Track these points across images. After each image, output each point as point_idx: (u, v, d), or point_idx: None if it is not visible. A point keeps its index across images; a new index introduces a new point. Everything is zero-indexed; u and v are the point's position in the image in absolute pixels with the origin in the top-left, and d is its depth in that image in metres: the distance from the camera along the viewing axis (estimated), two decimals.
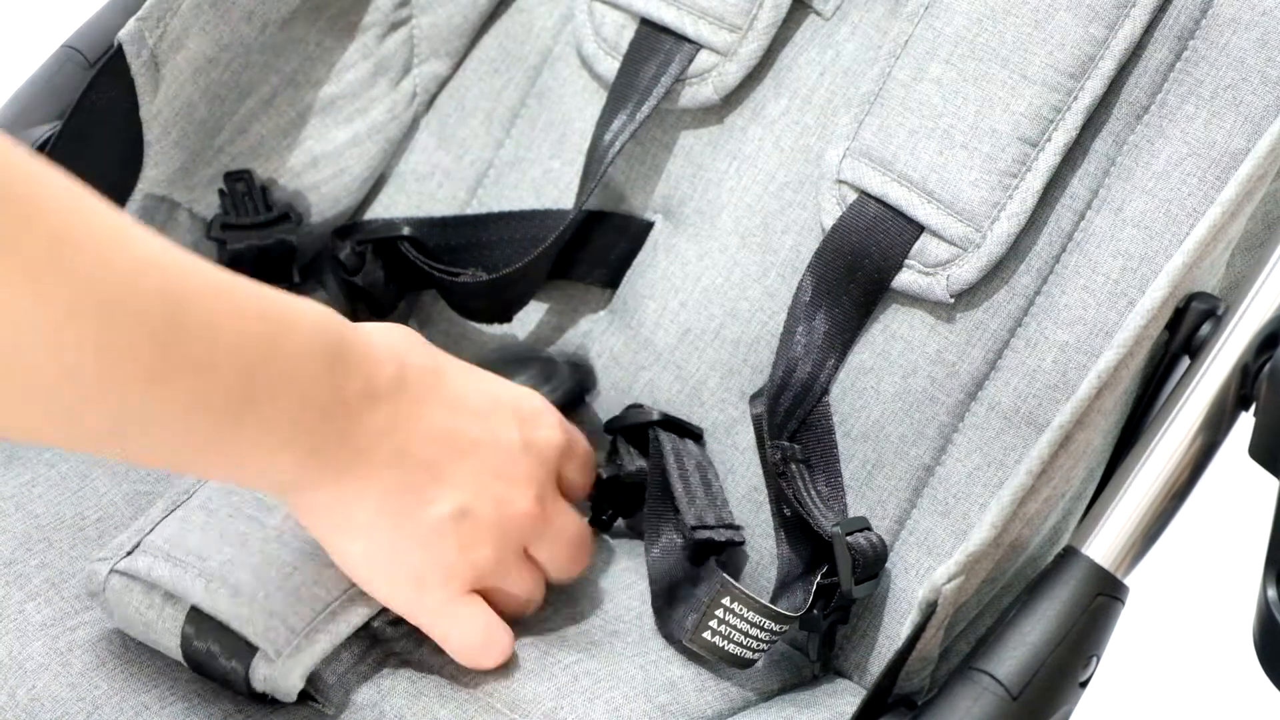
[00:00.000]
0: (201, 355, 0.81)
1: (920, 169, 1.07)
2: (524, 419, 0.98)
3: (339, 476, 0.90)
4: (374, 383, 0.90)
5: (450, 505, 0.94)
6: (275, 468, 0.88)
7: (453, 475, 0.94)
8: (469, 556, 0.96)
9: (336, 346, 0.88)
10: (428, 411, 0.92)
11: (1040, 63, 1.05)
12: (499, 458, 0.96)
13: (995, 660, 0.92)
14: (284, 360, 0.85)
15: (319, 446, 0.88)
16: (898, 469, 1.07)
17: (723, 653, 1.02)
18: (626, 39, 1.16)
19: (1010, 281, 1.06)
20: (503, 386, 0.99)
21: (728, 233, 1.14)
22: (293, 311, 0.86)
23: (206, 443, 0.85)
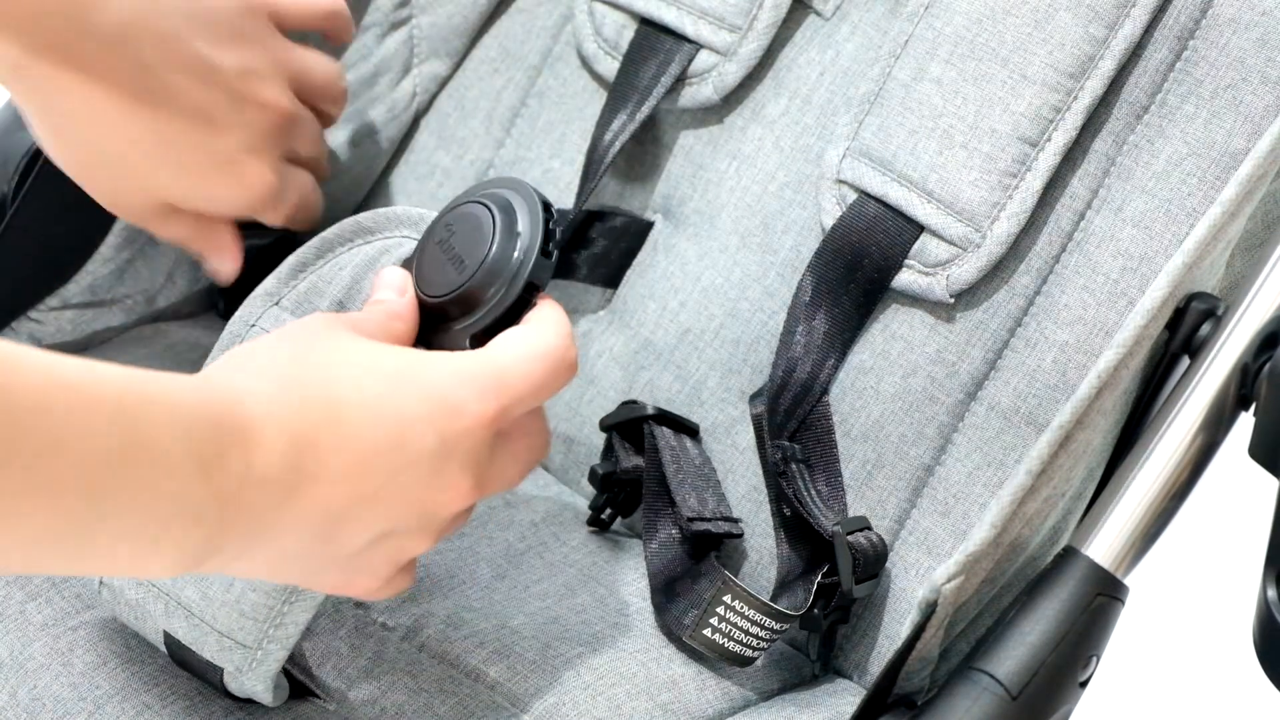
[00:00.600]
0: (41, 475, 0.73)
1: (920, 169, 1.07)
2: (443, 421, 0.89)
3: (230, 556, 0.83)
4: (261, 470, 0.81)
5: (368, 537, 0.88)
6: (153, 566, 0.80)
7: (365, 515, 0.87)
8: (395, 560, 0.91)
9: (211, 443, 0.79)
10: (327, 468, 0.84)
11: (1040, 62, 1.05)
12: (417, 478, 0.88)
13: (995, 660, 0.92)
14: (141, 469, 0.76)
15: (197, 543, 0.80)
16: (898, 469, 1.07)
17: (723, 650, 1.02)
18: (627, 39, 1.16)
19: (1010, 281, 1.06)
20: (415, 392, 0.89)
21: (728, 233, 1.14)
22: (155, 410, 0.77)
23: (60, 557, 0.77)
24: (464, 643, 1.02)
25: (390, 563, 0.90)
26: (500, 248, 0.95)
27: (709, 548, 1.07)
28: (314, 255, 0.99)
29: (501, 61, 1.24)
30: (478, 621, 1.04)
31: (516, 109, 1.23)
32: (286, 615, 0.94)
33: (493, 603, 1.05)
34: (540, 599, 1.06)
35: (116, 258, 1.20)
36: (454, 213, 0.98)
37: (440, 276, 0.96)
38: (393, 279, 0.96)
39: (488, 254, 0.95)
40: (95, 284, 1.20)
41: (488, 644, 1.02)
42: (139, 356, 1.20)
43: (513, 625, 1.04)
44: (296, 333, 0.89)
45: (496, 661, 1.01)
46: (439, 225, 0.98)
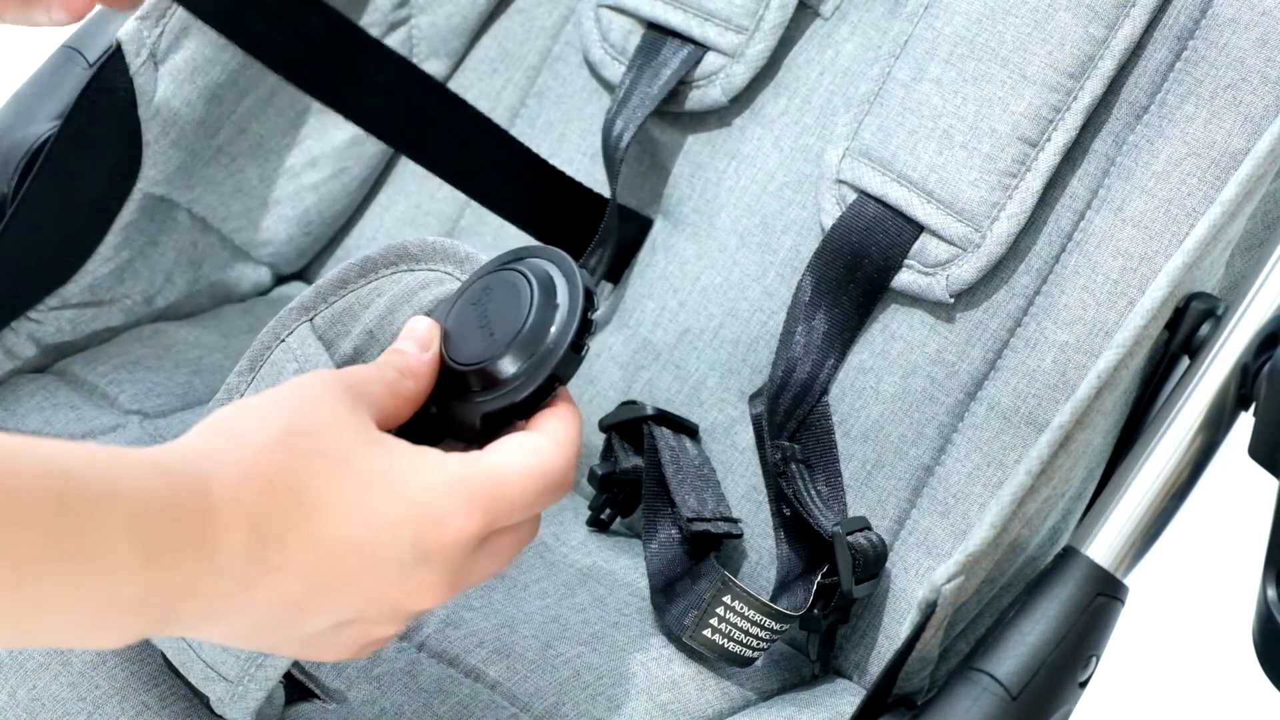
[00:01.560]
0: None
1: (920, 169, 1.07)
2: (421, 529, 0.84)
3: (181, 629, 0.80)
4: (218, 559, 0.78)
5: (330, 623, 0.84)
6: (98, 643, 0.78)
7: (327, 605, 0.83)
8: (365, 640, 0.87)
9: (163, 534, 0.76)
10: (289, 561, 0.81)
11: (1040, 63, 1.05)
12: (387, 580, 0.83)
13: (995, 660, 0.92)
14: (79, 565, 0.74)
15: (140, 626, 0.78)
16: (897, 469, 1.07)
17: (723, 650, 1.02)
18: (633, 44, 1.16)
19: (1010, 281, 1.06)
20: (395, 498, 0.84)
21: (727, 232, 1.14)
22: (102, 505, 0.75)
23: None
24: (463, 642, 1.02)
25: (355, 644, 0.87)
26: (533, 330, 0.89)
27: (709, 548, 1.07)
28: (356, 274, 0.95)
29: (501, 62, 1.24)
30: (477, 621, 1.04)
31: (516, 109, 1.23)
32: (268, 658, 0.93)
33: (492, 602, 1.05)
34: (540, 598, 1.06)
35: (116, 257, 1.20)
36: (495, 276, 0.92)
37: (467, 343, 0.90)
38: (419, 331, 0.91)
39: (519, 332, 0.89)
40: (95, 284, 1.19)
41: (487, 643, 1.02)
42: (138, 356, 1.20)
43: (512, 625, 1.03)
44: (288, 408, 0.84)
45: (496, 661, 1.01)
46: (477, 284, 0.92)
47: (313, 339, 0.95)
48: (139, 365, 1.19)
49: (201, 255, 1.25)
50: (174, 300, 1.24)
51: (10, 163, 1.15)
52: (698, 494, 1.07)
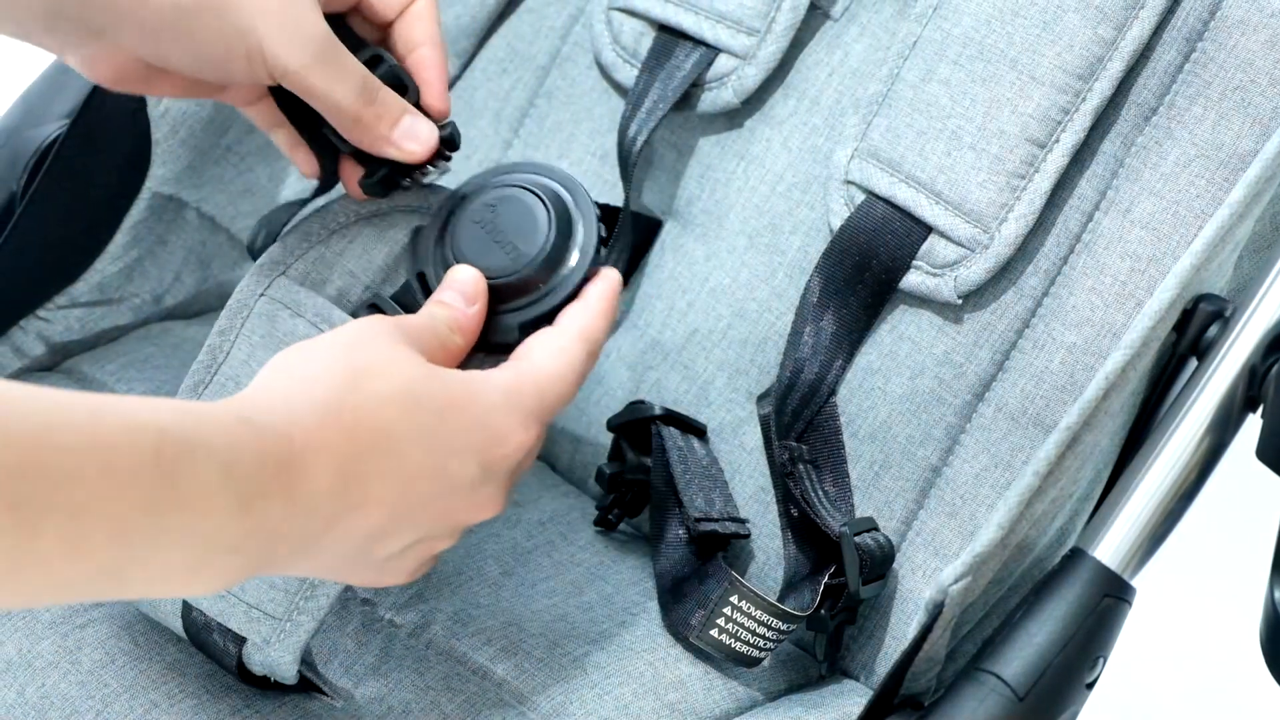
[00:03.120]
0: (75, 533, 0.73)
1: (928, 170, 1.07)
2: (487, 451, 0.90)
3: (266, 572, 0.84)
4: (305, 502, 0.82)
5: (403, 545, 0.89)
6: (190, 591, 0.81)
7: (402, 531, 0.89)
8: (424, 558, 0.93)
9: (253, 482, 0.80)
10: (371, 497, 0.85)
11: (1048, 64, 1.05)
12: (455, 500, 0.90)
13: (1002, 661, 0.92)
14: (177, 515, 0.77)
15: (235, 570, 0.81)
16: (905, 470, 1.07)
17: (730, 651, 1.02)
18: (645, 46, 1.16)
19: (1018, 283, 1.06)
20: (463, 423, 0.89)
21: (735, 233, 1.14)
22: (194, 458, 0.77)
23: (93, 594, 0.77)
24: (471, 640, 1.03)
25: (419, 561, 0.92)
26: (558, 238, 0.97)
27: (716, 548, 1.07)
28: (319, 226, 0.99)
29: (510, 62, 1.24)
30: (485, 619, 1.04)
31: (525, 109, 1.23)
32: (318, 587, 0.95)
33: (500, 600, 1.05)
34: (547, 596, 1.06)
35: (125, 256, 1.20)
36: (494, 194, 0.99)
37: (489, 259, 0.97)
38: (464, 283, 0.96)
39: (545, 244, 0.97)
40: (104, 282, 1.20)
41: (495, 641, 1.02)
42: (146, 354, 1.20)
43: (520, 623, 1.04)
44: (347, 349, 0.88)
45: (504, 659, 1.01)
46: (475, 205, 0.98)
47: (294, 285, 0.97)
48: (147, 364, 1.19)
49: (210, 254, 1.25)
50: (182, 299, 1.25)
51: (19, 161, 1.15)
52: (705, 494, 1.08)
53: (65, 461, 0.73)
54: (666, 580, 1.06)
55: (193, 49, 0.96)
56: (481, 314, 0.96)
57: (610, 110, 1.19)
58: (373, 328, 0.90)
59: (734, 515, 1.08)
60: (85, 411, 0.75)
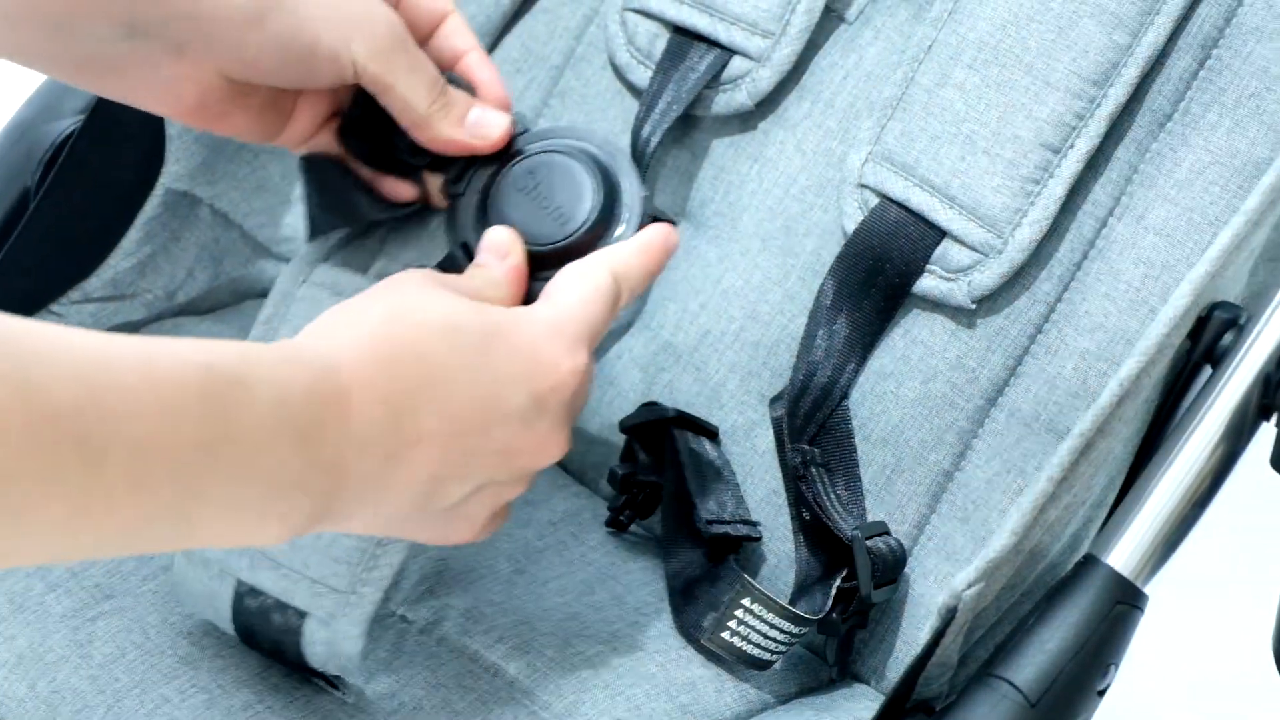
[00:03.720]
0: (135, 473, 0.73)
1: (942, 174, 1.07)
2: (536, 380, 0.90)
3: (337, 520, 0.84)
4: (360, 436, 0.82)
5: (467, 490, 0.89)
6: (261, 536, 0.81)
7: (461, 472, 0.88)
8: (496, 503, 0.92)
9: (308, 414, 0.80)
10: (424, 431, 0.85)
11: (1064, 69, 1.05)
12: (512, 435, 0.89)
13: (1014, 667, 0.92)
14: (235, 449, 0.77)
15: (305, 511, 0.81)
16: (917, 474, 1.07)
17: (740, 653, 1.02)
18: (659, 48, 1.16)
19: (1031, 288, 1.06)
20: (507, 351, 0.89)
21: (749, 236, 1.14)
22: (246, 389, 0.78)
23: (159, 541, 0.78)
24: (483, 637, 1.03)
25: (487, 509, 0.91)
26: (605, 201, 0.97)
27: (727, 551, 1.07)
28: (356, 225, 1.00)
29: (524, 61, 1.24)
30: (497, 616, 1.04)
31: (539, 109, 1.23)
32: (380, 557, 0.95)
33: (512, 598, 1.05)
34: (559, 595, 1.06)
35: (138, 251, 1.20)
36: (534, 160, 0.98)
37: (536, 226, 0.96)
38: (498, 242, 0.96)
39: (593, 208, 0.97)
40: (117, 278, 1.20)
41: (507, 639, 1.02)
42: None
43: (531, 621, 1.04)
44: (387, 292, 0.89)
45: (515, 658, 1.02)
46: (516, 172, 0.98)
47: (335, 269, 0.98)
48: None
49: (223, 251, 1.25)
50: (195, 295, 1.25)
51: (34, 156, 1.15)
52: (717, 496, 1.08)
53: (123, 398, 0.73)
54: (678, 582, 1.06)
55: (276, 48, 0.96)
56: (519, 269, 0.95)
57: (624, 111, 1.19)
58: (411, 276, 0.90)
59: (746, 518, 1.08)
60: (137, 351, 0.75)
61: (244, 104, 0.99)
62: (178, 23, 0.95)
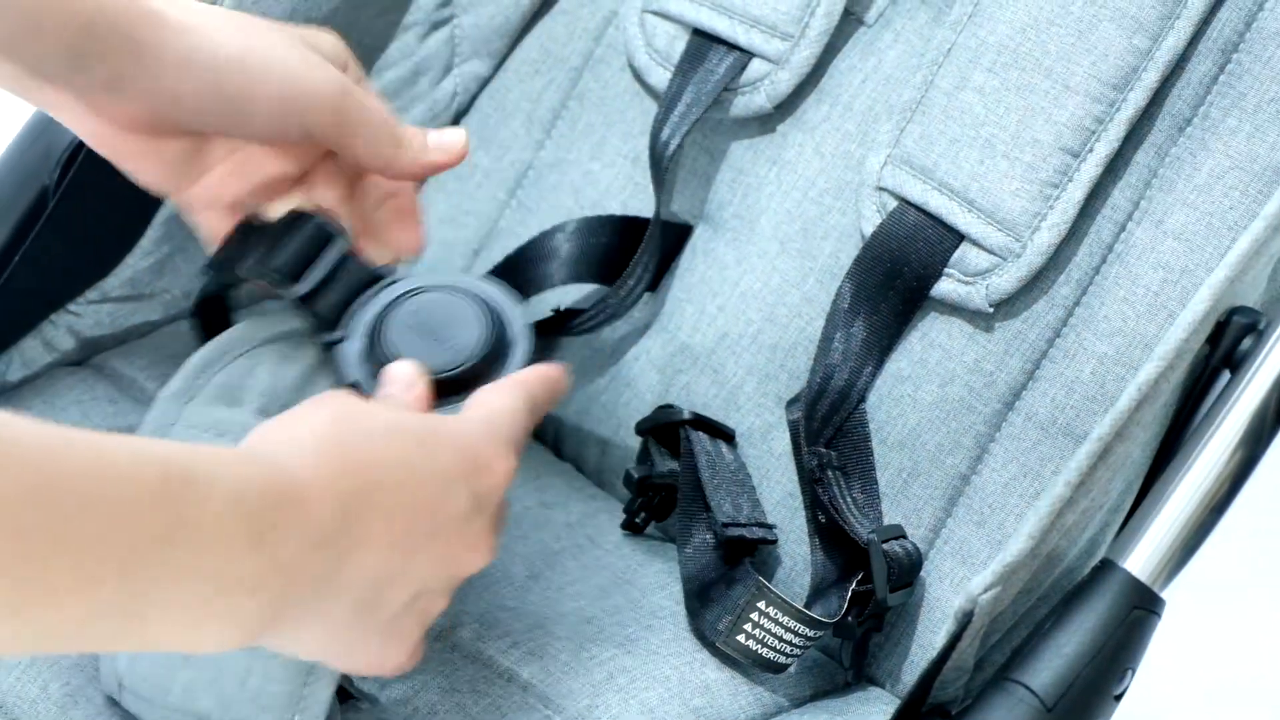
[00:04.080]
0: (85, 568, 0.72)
1: (961, 178, 1.07)
2: (475, 479, 0.90)
3: (287, 627, 0.83)
4: (315, 536, 0.81)
5: (404, 598, 0.88)
6: (205, 640, 0.80)
7: (404, 574, 0.87)
8: (426, 619, 0.91)
9: (263, 514, 0.79)
10: (372, 533, 0.84)
11: (1083, 73, 1.05)
12: (451, 534, 0.89)
13: (1030, 671, 0.92)
14: (186, 548, 0.75)
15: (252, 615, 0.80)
16: (933, 478, 1.07)
17: (756, 656, 1.02)
18: (678, 50, 1.16)
19: (1050, 292, 1.06)
20: (449, 453, 0.90)
21: (767, 238, 1.14)
22: (200, 488, 0.76)
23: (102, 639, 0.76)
24: (497, 643, 1.03)
25: (419, 625, 0.90)
26: (495, 325, 0.99)
27: (743, 553, 1.07)
28: (216, 355, 0.99)
29: (542, 63, 1.24)
30: (511, 622, 1.04)
31: (557, 111, 1.23)
32: (308, 696, 0.94)
33: (527, 603, 1.05)
34: (574, 600, 1.06)
35: (157, 251, 1.20)
36: (415, 300, 0.99)
37: (433, 357, 0.97)
38: (400, 374, 0.96)
39: (485, 332, 0.98)
40: (135, 277, 1.20)
41: (521, 645, 1.02)
42: (176, 351, 1.20)
43: (546, 626, 1.04)
44: (328, 402, 0.88)
45: (530, 662, 1.01)
46: (400, 312, 0.99)
47: (207, 407, 0.97)
48: (177, 361, 1.19)
49: None
50: None
51: (53, 155, 1.15)
52: (733, 499, 1.07)
53: (73, 492, 0.71)
54: (693, 585, 1.06)
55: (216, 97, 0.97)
56: (425, 398, 0.96)
57: (642, 113, 1.19)
58: (336, 394, 0.90)
59: (761, 520, 1.08)
60: (86, 444, 0.73)
61: (159, 147, 1.00)
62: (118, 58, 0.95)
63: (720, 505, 1.06)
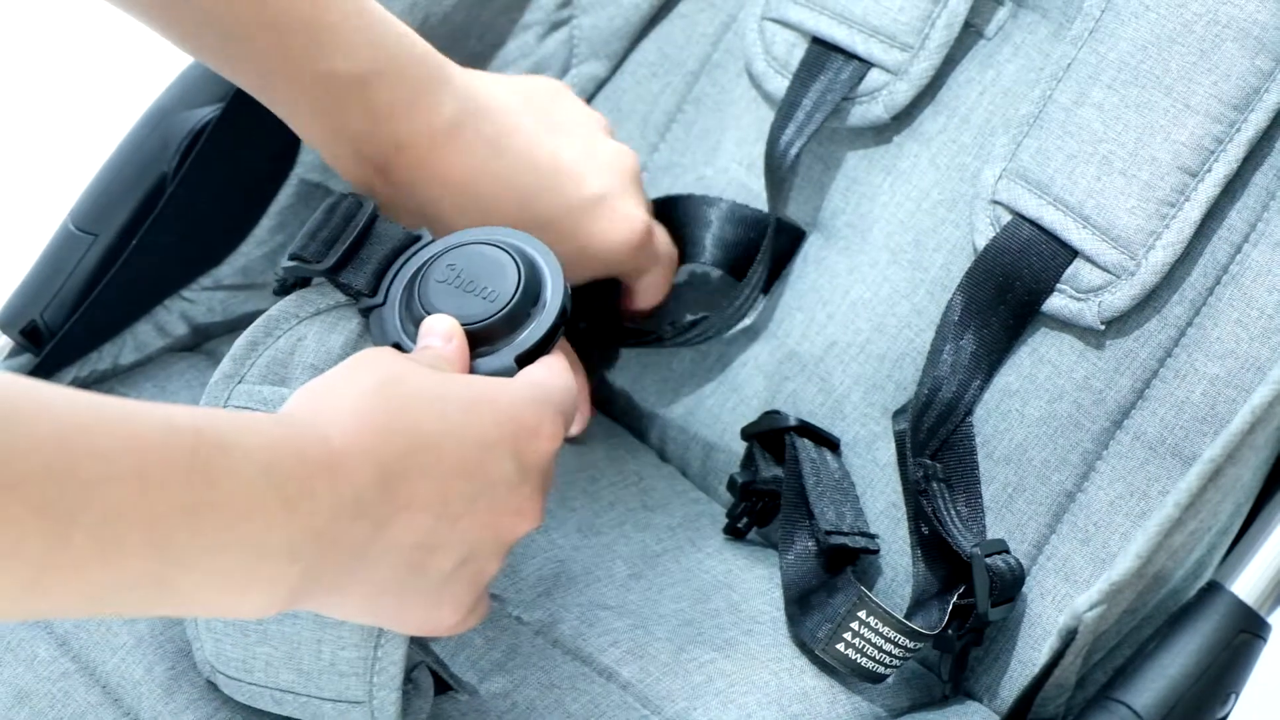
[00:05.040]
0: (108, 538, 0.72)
1: (1077, 193, 1.06)
2: (520, 444, 0.90)
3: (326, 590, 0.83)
4: (351, 501, 0.82)
5: (451, 562, 0.88)
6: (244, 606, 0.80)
7: (449, 539, 0.87)
8: (479, 581, 0.91)
9: (296, 480, 0.79)
10: (414, 497, 0.85)
11: (1204, 92, 1.04)
12: (496, 500, 0.89)
13: (1133, 691, 0.91)
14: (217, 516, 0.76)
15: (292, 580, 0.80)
16: (1039, 493, 1.07)
17: (855, 666, 1.02)
18: (796, 58, 1.16)
19: (1162, 311, 1.06)
20: (492, 417, 0.89)
21: (879, 248, 1.14)
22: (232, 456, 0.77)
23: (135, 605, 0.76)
24: (598, 640, 1.03)
25: (472, 588, 0.90)
26: (529, 276, 0.99)
27: (845, 562, 1.07)
28: (262, 334, 1.00)
29: (660, 66, 1.24)
30: (612, 620, 1.04)
31: (672, 114, 1.23)
32: (382, 660, 0.94)
33: (627, 602, 1.06)
34: (674, 601, 1.06)
35: (270, 241, 1.21)
36: (448, 257, 1.00)
37: (468, 308, 0.98)
38: (438, 326, 0.97)
39: (520, 280, 0.99)
40: (248, 266, 1.21)
41: (621, 643, 1.03)
42: None
43: (646, 626, 1.04)
44: (367, 365, 0.88)
45: (630, 662, 1.02)
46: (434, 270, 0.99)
47: (256, 386, 0.97)
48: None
49: None
50: None
51: (172, 143, 1.16)
52: (836, 507, 1.07)
53: (97, 464, 0.72)
54: (794, 591, 1.06)
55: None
56: (462, 350, 0.96)
57: (757, 120, 1.19)
58: (380, 351, 0.91)
59: (864, 530, 1.08)
60: (119, 414, 0.74)
61: None
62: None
63: (823, 513, 1.06)
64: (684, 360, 1.18)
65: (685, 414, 1.18)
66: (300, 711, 0.97)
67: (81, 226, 1.16)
